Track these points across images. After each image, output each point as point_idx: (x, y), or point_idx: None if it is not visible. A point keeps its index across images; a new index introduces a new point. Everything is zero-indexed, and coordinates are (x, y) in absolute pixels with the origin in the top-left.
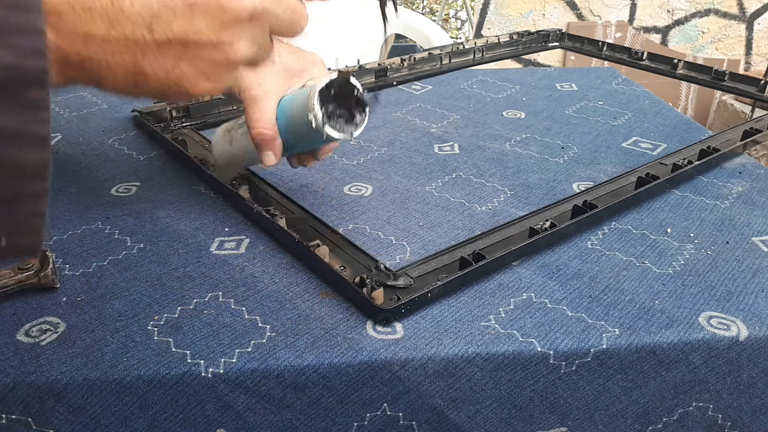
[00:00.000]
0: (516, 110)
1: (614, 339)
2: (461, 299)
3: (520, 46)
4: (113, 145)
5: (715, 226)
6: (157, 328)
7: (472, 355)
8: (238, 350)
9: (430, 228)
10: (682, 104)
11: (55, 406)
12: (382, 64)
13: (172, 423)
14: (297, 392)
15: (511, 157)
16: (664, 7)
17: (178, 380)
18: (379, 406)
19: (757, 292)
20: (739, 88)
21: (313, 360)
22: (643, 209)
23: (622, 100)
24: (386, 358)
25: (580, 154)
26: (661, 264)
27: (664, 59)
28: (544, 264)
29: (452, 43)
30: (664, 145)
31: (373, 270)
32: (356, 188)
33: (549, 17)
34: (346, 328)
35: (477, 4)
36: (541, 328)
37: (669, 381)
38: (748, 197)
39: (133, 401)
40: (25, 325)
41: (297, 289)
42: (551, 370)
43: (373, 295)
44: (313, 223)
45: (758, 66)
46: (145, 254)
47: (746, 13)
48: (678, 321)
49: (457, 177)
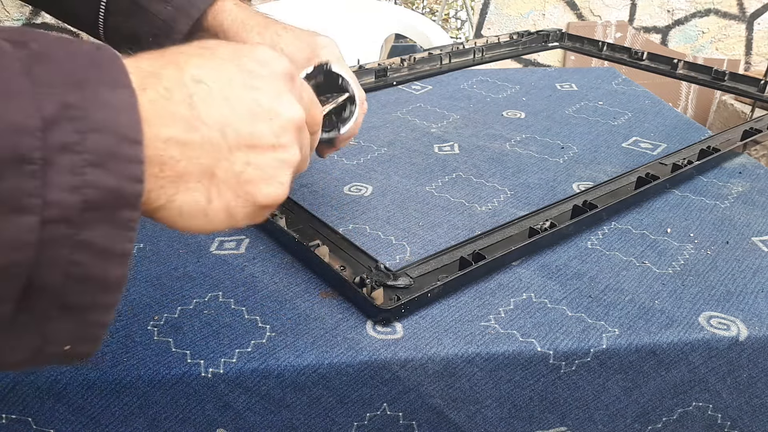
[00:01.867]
0: (516, 110)
1: (614, 339)
2: (461, 299)
3: (520, 46)
4: None
5: (715, 226)
6: (157, 328)
7: (472, 355)
8: (238, 350)
9: (430, 228)
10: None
11: (55, 406)
12: (382, 64)
13: (172, 423)
14: (297, 392)
15: (511, 157)
16: (664, 7)
17: (178, 380)
18: (378, 405)
19: (757, 292)
20: (739, 88)
21: (313, 360)
22: (643, 209)
23: (622, 100)
24: (386, 358)
25: (580, 154)
26: (661, 264)
27: (664, 59)
28: (544, 264)
29: (452, 43)
30: (664, 145)
31: (373, 270)
32: (356, 188)
33: (549, 17)
34: (346, 328)
35: (477, 4)
36: (541, 328)
37: (669, 381)
38: (748, 197)
39: (133, 401)
40: None
41: (297, 289)
42: (551, 370)
43: (373, 295)
44: (313, 223)
45: (758, 66)
46: (145, 254)
47: (746, 13)
48: (678, 321)
49: (457, 177)
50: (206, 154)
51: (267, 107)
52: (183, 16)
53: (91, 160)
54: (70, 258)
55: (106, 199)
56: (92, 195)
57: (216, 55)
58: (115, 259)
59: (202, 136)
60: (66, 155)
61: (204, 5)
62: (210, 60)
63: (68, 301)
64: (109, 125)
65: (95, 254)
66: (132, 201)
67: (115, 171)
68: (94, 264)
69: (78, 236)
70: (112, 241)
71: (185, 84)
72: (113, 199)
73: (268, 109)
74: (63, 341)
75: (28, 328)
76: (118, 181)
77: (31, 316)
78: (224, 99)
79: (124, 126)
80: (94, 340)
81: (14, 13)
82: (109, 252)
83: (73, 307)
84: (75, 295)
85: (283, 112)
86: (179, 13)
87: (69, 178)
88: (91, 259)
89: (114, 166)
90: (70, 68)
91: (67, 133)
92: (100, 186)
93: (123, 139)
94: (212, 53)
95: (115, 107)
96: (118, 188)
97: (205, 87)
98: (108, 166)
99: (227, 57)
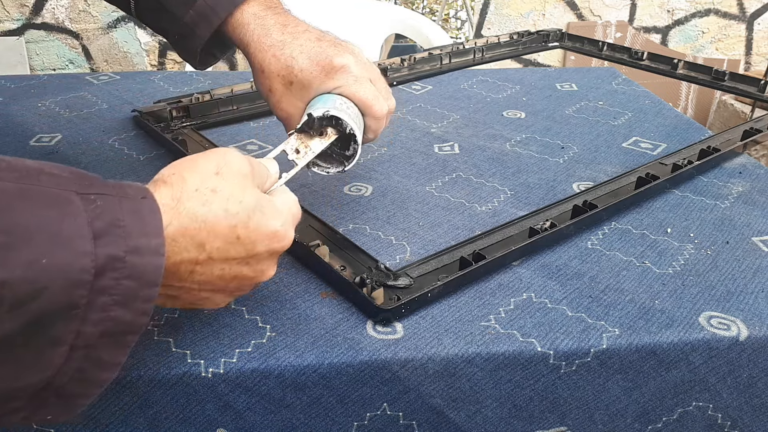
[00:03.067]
0: (516, 110)
1: (614, 339)
2: (461, 299)
3: (520, 46)
4: (113, 145)
5: (715, 226)
6: (157, 328)
7: (472, 355)
8: (238, 350)
9: (430, 228)
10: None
11: None
12: (382, 64)
13: (172, 422)
14: (297, 392)
15: (511, 157)
16: (664, 7)
17: (178, 380)
18: (379, 405)
19: (757, 292)
20: (739, 88)
21: (313, 360)
22: (643, 209)
23: (622, 100)
24: (386, 358)
25: (580, 154)
26: (661, 264)
27: (664, 59)
28: (544, 264)
29: (452, 43)
30: (664, 145)
31: (374, 270)
32: (356, 188)
33: (549, 17)
34: (346, 328)
35: (477, 4)
36: (541, 328)
37: (669, 381)
38: (748, 197)
39: (133, 401)
40: None
41: (297, 289)
42: (551, 370)
43: (374, 295)
44: (313, 223)
45: (758, 66)
46: None
47: (746, 13)
48: (678, 321)
49: (457, 177)
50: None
51: (251, 280)
52: (204, 22)
53: (118, 300)
54: (77, 367)
55: (119, 329)
56: (110, 327)
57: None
58: (112, 368)
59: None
60: (102, 297)
61: (224, 14)
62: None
63: (65, 392)
64: (139, 272)
65: (98, 365)
66: (138, 330)
67: (132, 309)
68: (94, 371)
69: (89, 355)
70: (114, 356)
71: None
72: (125, 329)
73: (252, 278)
74: (47, 414)
75: (23, 409)
76: (133, 316)
77: (30, 403)
78: (220, 270)
79: (150, 273)
80: (73, 413)
81: (14, 13)
82: (109, 363)
83: (67, 396)
84: (72, 389)
85: (265, 277)
86: (200, 19)
87: (99, 315)
88: (93, 368)
89: (133, 305)
90: (118, 217)
91: (108, 280)
92: (118, 320)
93: (146, 283)
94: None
95: (147, 256)
96: (131, 322)
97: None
98: (129, 305)
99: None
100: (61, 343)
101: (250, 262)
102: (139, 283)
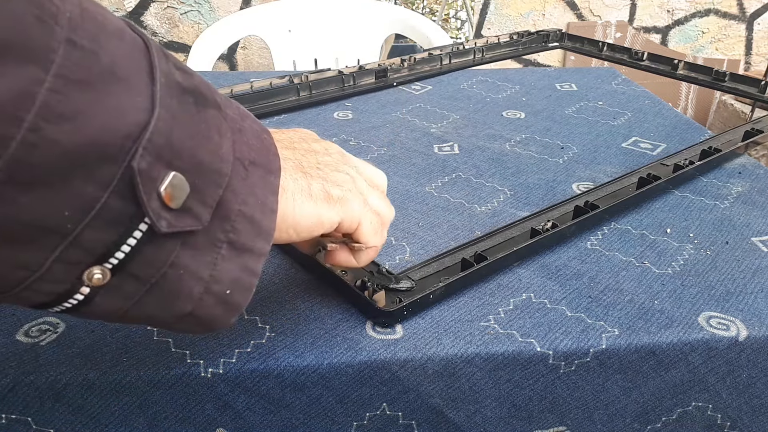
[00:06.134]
0: (516, 110)
1: (613, 339)
2: (461, 299)
3: (520, 47)
4: None
5: (715, 226)
6: (157, 328)
7: (472, 355)
8: (238, 350)
9: (429, 228)
10: (682, 104)
11: (55, 406)
12: (382, 64)
13: (171, 422)
14: (296, 392)
15: (510, 157)
16: (664, 7)
17: (178, 380)
18: (378, 405)
19: (757, 292)
20: (739, 89)
21: (313, 360)
22: (643, 209)
23: (621, 100)
24: (386, 358)
25: (579, 155)
26: (661, 264)
27: (664, 59)
28: (543, 264)
29: (452, 43)
30: (664, 146)
31: (375, 273)
32: None
33: (549, 17)
34: (345, 328)
35: (477, 4)
36: (540, 328)
37: (668, 381)
38: (747, 197)
39: (133, 401)
40: (24, 325)
41: (297, 289)
42: (550, 370)
43: (375, 297)
44: None
45: (758, 66)
46: None
47: (746, 13)
48: (677, 321)
49: (456, 177)
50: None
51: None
52: None
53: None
54: (242, 199)
55: (231, 286)
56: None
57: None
58: (267, 213)
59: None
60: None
61: None
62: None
63: (233, 238)
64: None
65: (257, 204)
66: (249, 288)
67: (245, 267)
68: (255, 208)
69: (246, 181)
70: (266, 196)
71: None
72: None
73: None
74: (226, 282)
75: (205, 264)
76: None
77: (205, 251)
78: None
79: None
80: (248, 288)
81: None
82: (265, 206)
83: (237, 247)
84: (239, 233)
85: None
86: None
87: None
88: (254, 205)
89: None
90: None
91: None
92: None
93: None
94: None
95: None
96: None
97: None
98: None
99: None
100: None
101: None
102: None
